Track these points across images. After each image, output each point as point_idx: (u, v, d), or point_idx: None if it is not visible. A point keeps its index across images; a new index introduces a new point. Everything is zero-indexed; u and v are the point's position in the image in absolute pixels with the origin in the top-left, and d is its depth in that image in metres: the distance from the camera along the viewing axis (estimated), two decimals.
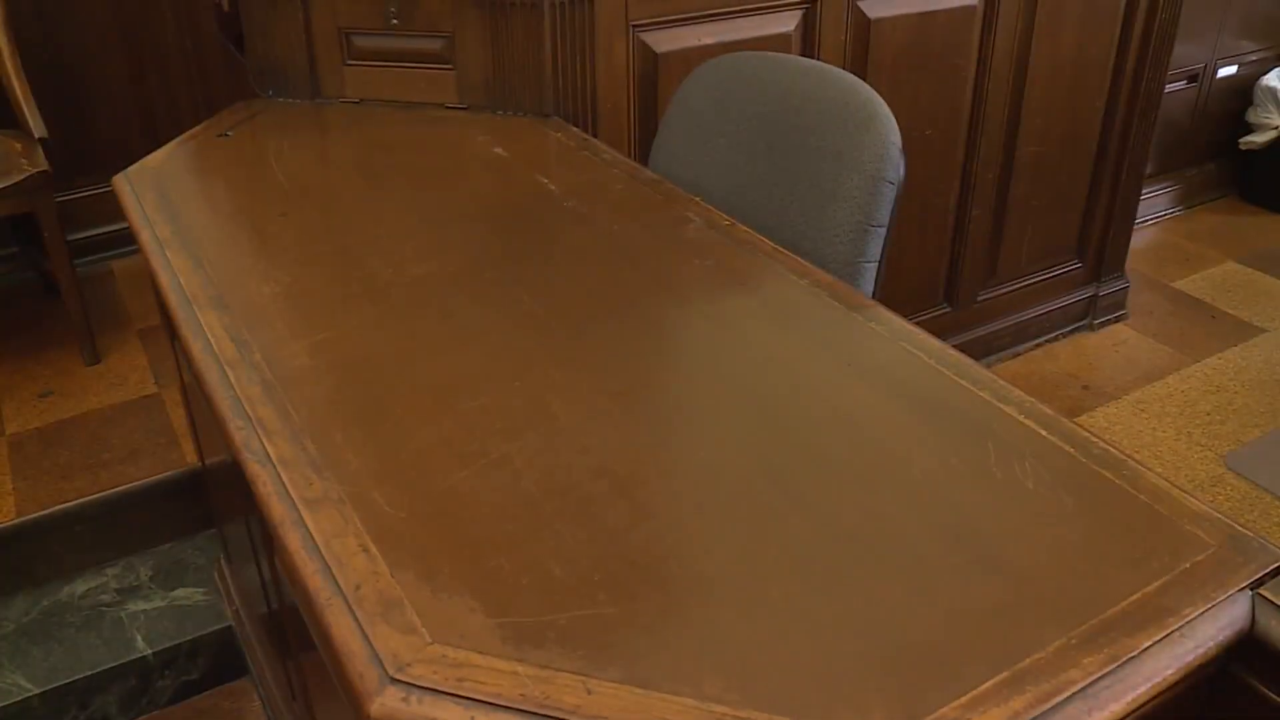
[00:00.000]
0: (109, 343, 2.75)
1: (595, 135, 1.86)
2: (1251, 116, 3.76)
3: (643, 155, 1.86)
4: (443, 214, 1.51)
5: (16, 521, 2.12)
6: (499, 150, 1.72)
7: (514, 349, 1.17)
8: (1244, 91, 3.76)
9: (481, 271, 1.35)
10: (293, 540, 0.89)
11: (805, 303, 1.25)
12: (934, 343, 1.15)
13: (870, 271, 1.39)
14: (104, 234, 3.08)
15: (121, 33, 2.99)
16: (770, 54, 1.63)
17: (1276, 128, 3.69)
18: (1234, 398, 2.72)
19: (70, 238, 2.72)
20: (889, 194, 1.40)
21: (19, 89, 2.66)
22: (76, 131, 3.01)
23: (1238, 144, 3.79)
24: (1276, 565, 0.84)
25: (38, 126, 2.63)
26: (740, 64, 1.60)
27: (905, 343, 1.16)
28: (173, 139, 2.42)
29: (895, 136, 1.41)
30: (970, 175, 2.52)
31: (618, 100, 1.89)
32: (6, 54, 2.65)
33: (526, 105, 1.83)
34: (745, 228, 1.41)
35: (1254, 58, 3.73)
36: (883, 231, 1.41)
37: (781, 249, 1.35)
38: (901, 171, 1.41)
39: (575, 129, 1.79)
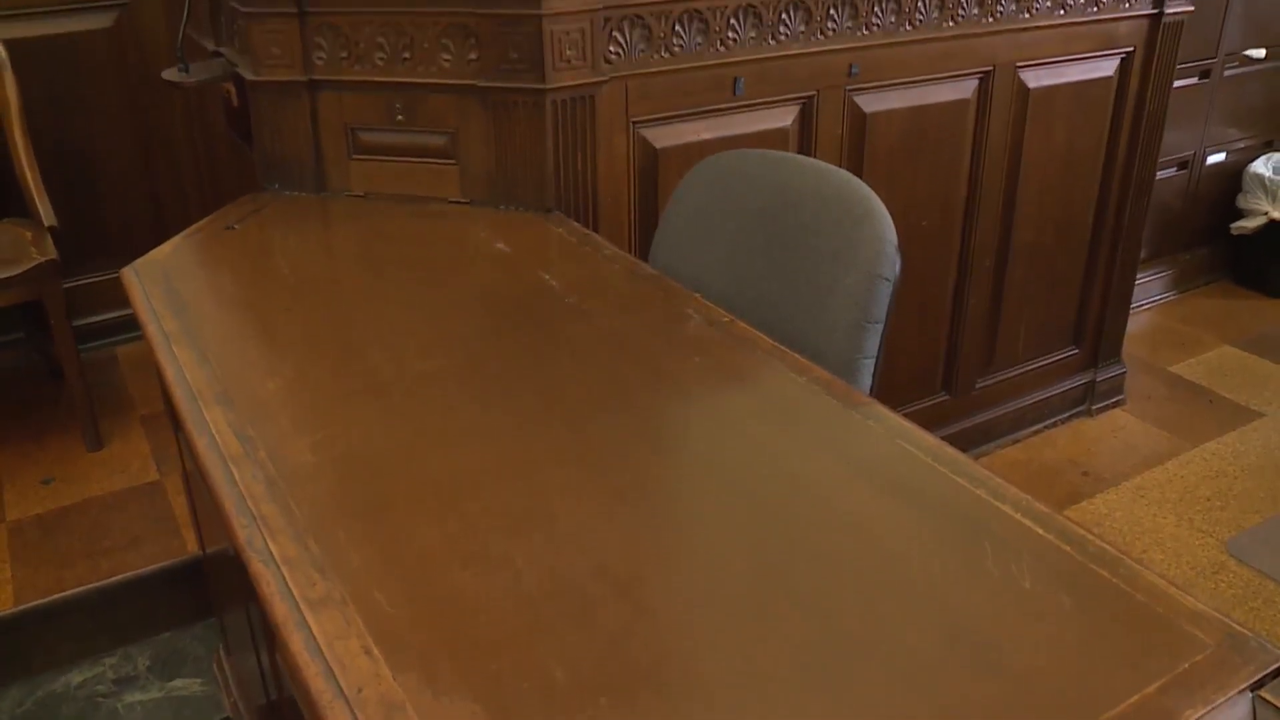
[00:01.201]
0: (112, 428, 2.76)
1: (596, 229, 1.89)
2: (1241, 202, 3.81)
3: (643, 249, 1.89)
4: (445, 309, 1.54)
5: (14, 610, 2.11)
6: (501, 245, 1.75)
7: (515, 446, 1.18)
8: (1233, 177, 3.82)
9: (483, 367, 1.37)
10: (295, 641, 0.89)
11: (804, 400, 1.27)
12: (930, 440, 1.16)
13: (868, 368, 1.41)
14: (109, 319, 3.11)
15: (132, 123, 3.05)
16: (767, 152, 1.67)
17: (1265, 213, 3.74)
18: (1234, 483, 2.73)
19: (76, 323, 2.75)
20: (885, 291, 1.42)
21: (31, 179, 2.71)
22: (85, 218, 3.05)
23: (1229, 229, 3.84)
24: (1276, 666, 0.84)
25: (48, 215, 2.68)
26: (738, 161, 1.63)
27: (902, 440, 1.17)
28: (179, 227, 2.45)
29: (891, 234, 1.43)
30: (967, 263, 2.56)
31: (618, 194, 1.93)
32: (21, 145, 2.71)
33: (528, 200, 1.87)
34: (744, 324, 1.43)
35: (1241, 145, 3.79)
36: (880, 328, 1.43)
37: (780, 346, 1.37)
38: (898, 269, 1.43)
39: (576, 224, 1.83)
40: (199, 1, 2.36)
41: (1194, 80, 3.49)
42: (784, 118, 2.11)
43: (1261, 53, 3.63)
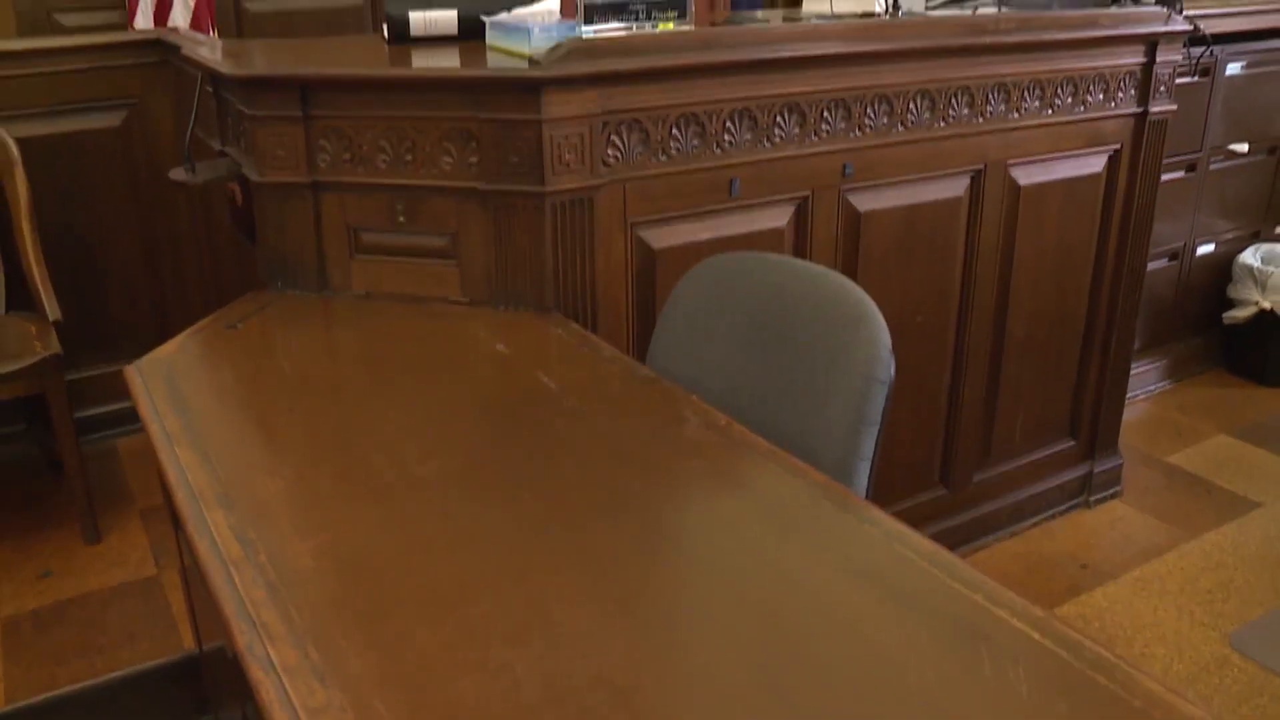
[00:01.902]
0: (111, 522, 2.76)
1: (595, 328, 1.92)
2: (1232, 292, 3.86)
3: (641, 348, 1.91)
4: (445, 411, 1.55)
5: (7, 709, 2.09)
6: (500, 346, 1.77)
7: (514, 551, 1.19)
8: (1223, 267, 3.87)
9: (483, 470, 1.38)
10: None
11: (801, 504, 1.28)
12: (926, 544, 1.17)
13: (864, 469, 1.43)
14: (110, 411, 3.13)
15: (138, 218, 3.10)
16: (763, 255, 1.70)
17: (1256, 303, 3.78)
18: (1234, 575, 2.72)
19: (77, 415, 2.77)
20: (881, 394, 1.44)
21: (38, 274, 2.75)
22: (89, 311, 3.09)
23: (1221, 318, 3.87)
24: None
25: (53, 310, 2.71)
26: (734, 265, 1.67)
27: (899, 543, 1.18)
28: (182, 321, 2.48)
29: (885, 338, 1.46)
30: (961, 358, 2.58)
31: (616, 295, 1.96)
32: (29, 240, 2.75)
33: (528, 300, 1.90)
34: (741, 426, 1.45)
35: (1229, 236, 3.85)
36: (875, 430, 1.45)
37: (777, 449, 1.39)
38: (892, 371, 1.45)
39: (575, 324, 1.85)
40: (206, 102, 2.42)
41: (1181, 174, 3.56)
42: (779, 217, 2.15)
43: (1244, 147, 3.70)
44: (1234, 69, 3.54)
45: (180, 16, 3.38)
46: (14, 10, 3.43)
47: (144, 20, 3.38)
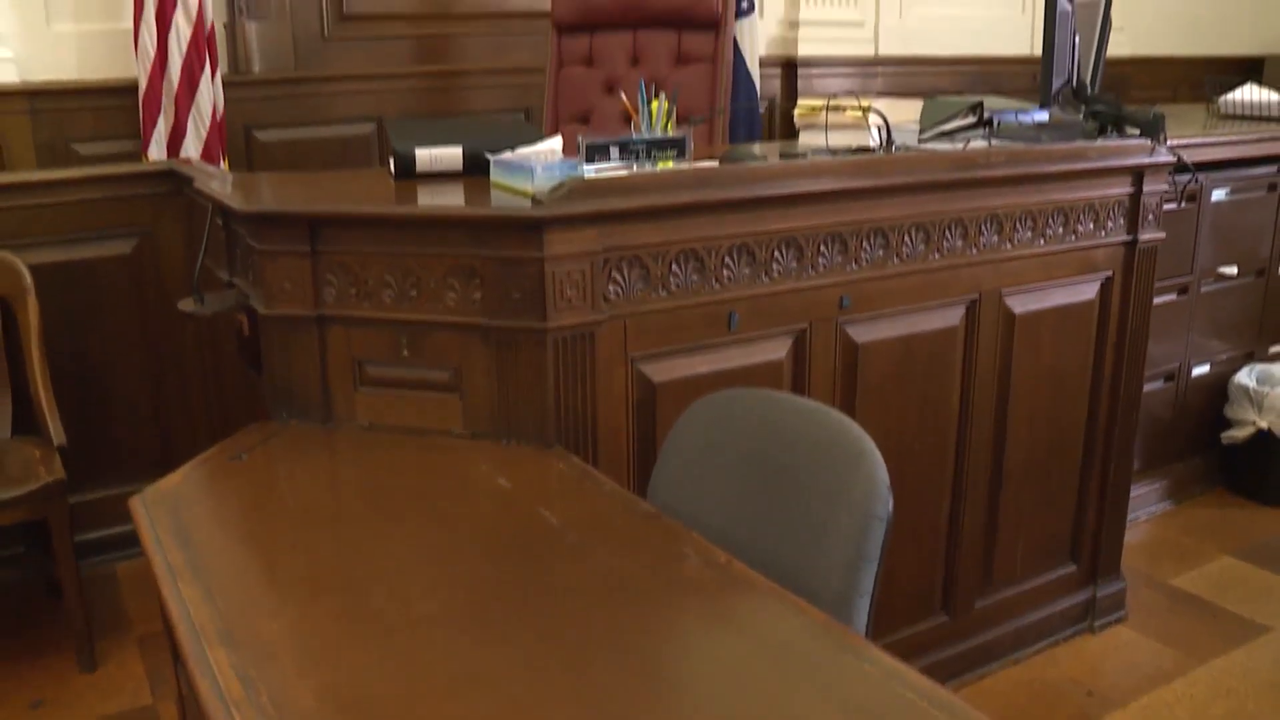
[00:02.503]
0: (107, 648, 2.74)
1: (596, 462, 1.93)
2: (1229, 412, 3.88)
3: (642, 481, 1.93)
4: (447, 546, 1.57)
5: None
6: (502, 481, 1.79)
7: (516, 690, 1.19)
8: (1219, 388, 3.90)
9: (484, 608, 1.39)
10: None
11: (800, 642, 1.29)
12: (925, 683, 1.17)
13: (863, 606, 1.43)
14: (110, 535, 3.12)
15: (145, 345, 3.14)
16: (762, 391, 1.73)
17: (1253, 423, 3.80)
18: (1245, 702, 2.69)
19: (77, 538, 2.77)
20: (879, 530, 1.45)
21: (44, 399, 2.77)
22: (93, 435, 3.10)
23: (1220, 438, 3.89)
24: None
25: (58, 434, 2.73)
26: (733, 401, 1.69)
27: (898, 682, 1.18)
28: (186, 447, 2.50)
29: (883, 475, 1.47)
30: (960, 485, 2.60)
31: (617, 429, 1.98)
32: (37, 366, 2.78)
33: (529, 434, 1.92)
34: (741, 564, 1.46)
35: (1224, 356, 3.88)
36: (875, 566, 1.45)
37: (777, 586, 1.39)
38: (890, 507, 1.47)
39: (576, 458, 1.87)
40: (216, 234, 2.47)
41: (1173, 296, 3.61)
42: (778, 350, 2.18)
43: (1234, 269, 3.77)
44: (1219, 195, 3.62)
45: (192, 146, 3.47)
46: (33, 141, 3.52)
47: (157, 150, 3.47)
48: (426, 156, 2.24)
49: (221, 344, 2.86)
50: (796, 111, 2.64)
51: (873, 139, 2.41)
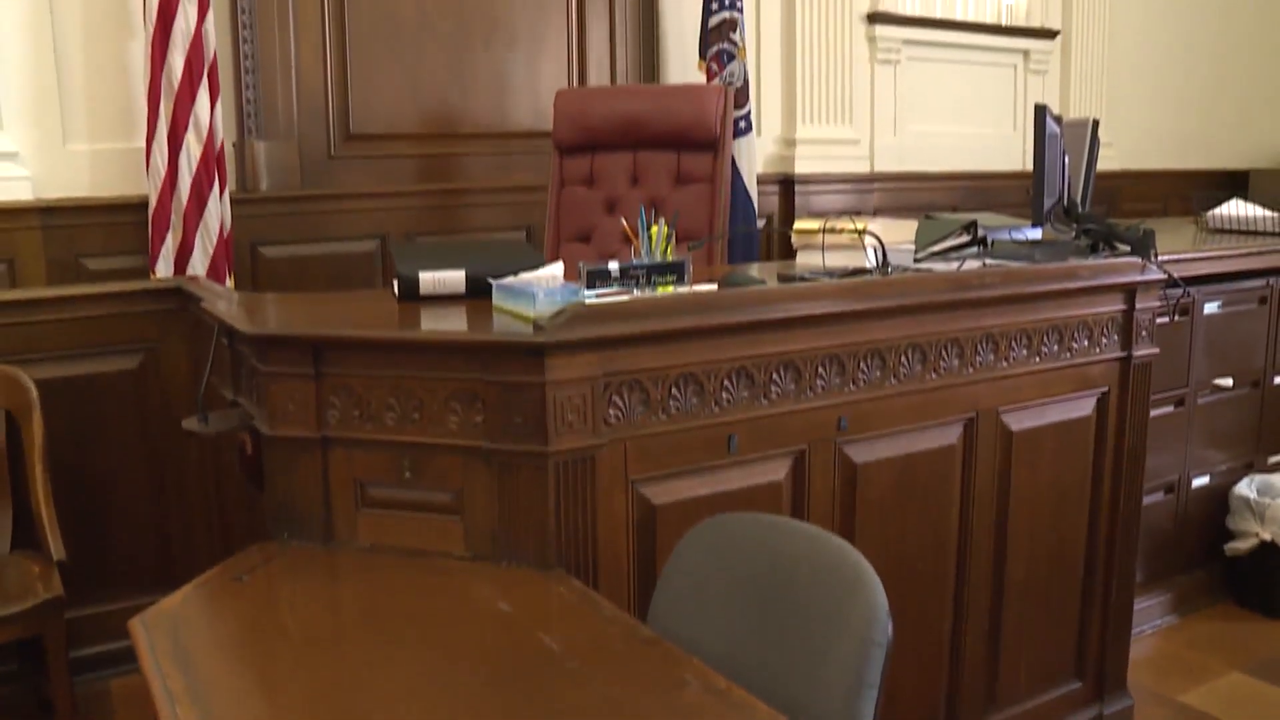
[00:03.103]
0: None
1: (596, 585, 1.93)
2: (1231, 524, 3.87)
3: (642, 604, 1.93)
4: (447, 672, 1.56)
5: None
6: (503, 604, 1.79)
7: None
8: (1220, 499, 3.90)
9: None
10: None
11: None
12: None
13: None
14: (106, 651, 3.09)
15: (147, 461, 3.15)
16: (761, 516, 1.74)
17: (1256, 535, 3.79)
18: None
19: (72, 654, 2.74)
20: (879, 656, 1.45)
21: (46, 514, 2.78)
22: (93, 549, 3.10)
23: (1224, 550, 3.87)
24: None
25: (58, 549, 2.73)
26: (733, 526, 1.70)
27: None
28: (186, 564, 2.50)
29: (882, 600, 1.48)
30: (962, 603, 2.58)
31: (617, 551, 1.99)
32: (40, 481, 2.79)
33: (530, 557, 1.92)
34: (741, 690, 1.45)
35: (1223, 467, 3.89)
36: (875, 692, 1.45)
37: (777, 713, 1.39)
38: (890, 633, 1.47)
39: (577, 582, 1.87)
40: (221, 353, 2.50)
41: (1170, 409, 3.63)
42: (777, 471, 2.20)
43: (1229, 381, 3.80)
44: (1211, 308, 3.67)
45: (199, 263, 3.52)
46: (44, 256, 3.58)
47: (165, 266, 3.52)
48: (430, 279, 2.28)
49: (224, 461, 2.88)
50: (793, 233, 2.70)
51: (869, 260, 2.45)
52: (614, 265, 2.05)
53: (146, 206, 3.54)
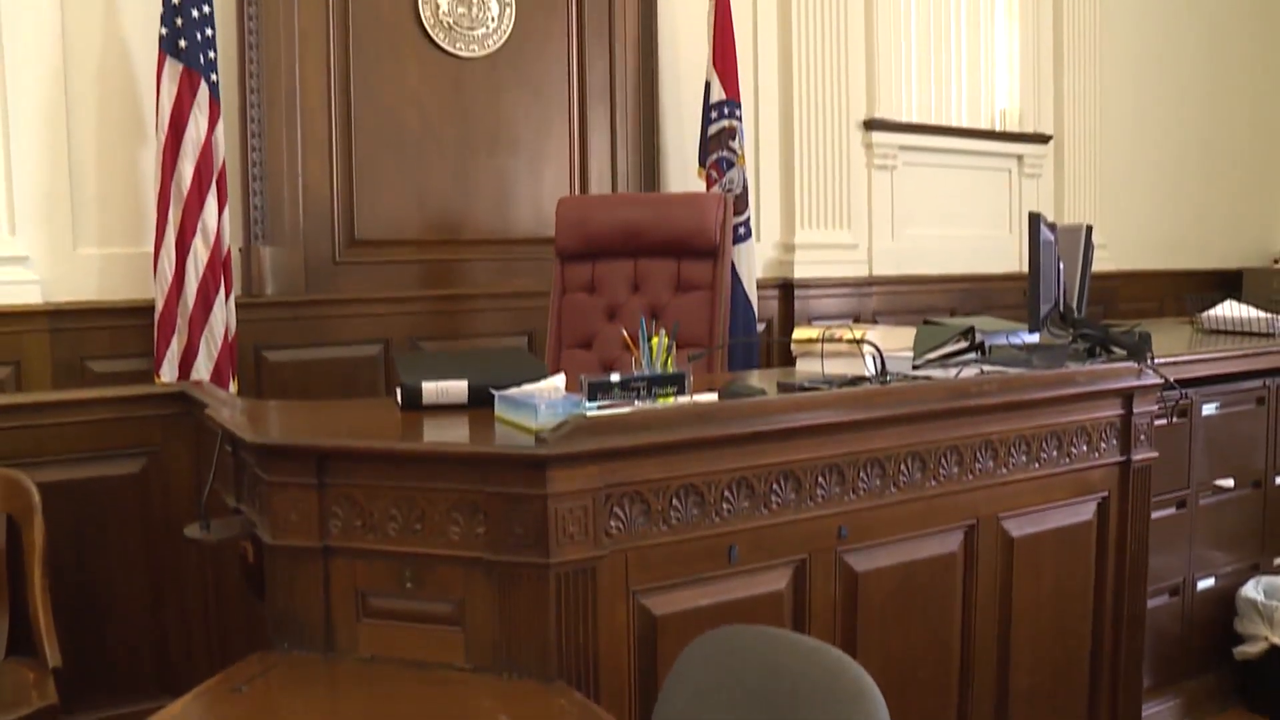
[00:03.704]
0: None
1: (597, 696, 1.92)
2: (1239, 627, 3.83)
3: (643, 716, 1.92)
4: None
5: None
6: (504, 718, 1.78)
7: None
8: (1227, 601, 3.87)
9: None
10: None
11: None
12: None
13: None
14: None
15: (148, 566, 3.13)
16: (761, 629, 1.74)
17: (1265, 638, 3.75)
18: None
19: None
20: None
21: (43, 620, 2.75)
22: (90, 655, 3.06)
23: (1233, 653, 3.83)
24: None
25: (54, 656, 2.70)
26: (734, 640, 1.70)
27: None
28: (184, 670, 2.47)
29: (883, 713, 1.47)
30: (965, 712, 2.55)
31: (618, 662, 1.98)
32: (38, 587, 2.77)
33: (531, 668, 1.92)
34: None
35: (1229, 569, 3.87)
36: None
37: None
38: None
39: (578, 694, 1.86)
40: (224, 460, 2.52)
41: (1172, 510, 3.62)
42: (778, 581, 2.20)
43: (1230, 482, 3.79)
44: (1209, 409, 3.69)
45: (204, 367, 3.55)
46: (51, 358, 3.61)
47: (169, 370, 3.55)
48: (433, 390, 2.30)
49: (225, 567, 2.87)
50: (793, 341, 2.73)
51: (868, 368, 2.48)
52: (615, 377, 2.07)
53: (153, 310, 3.58)
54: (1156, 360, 2.91)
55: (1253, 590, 3.83)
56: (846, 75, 5.07)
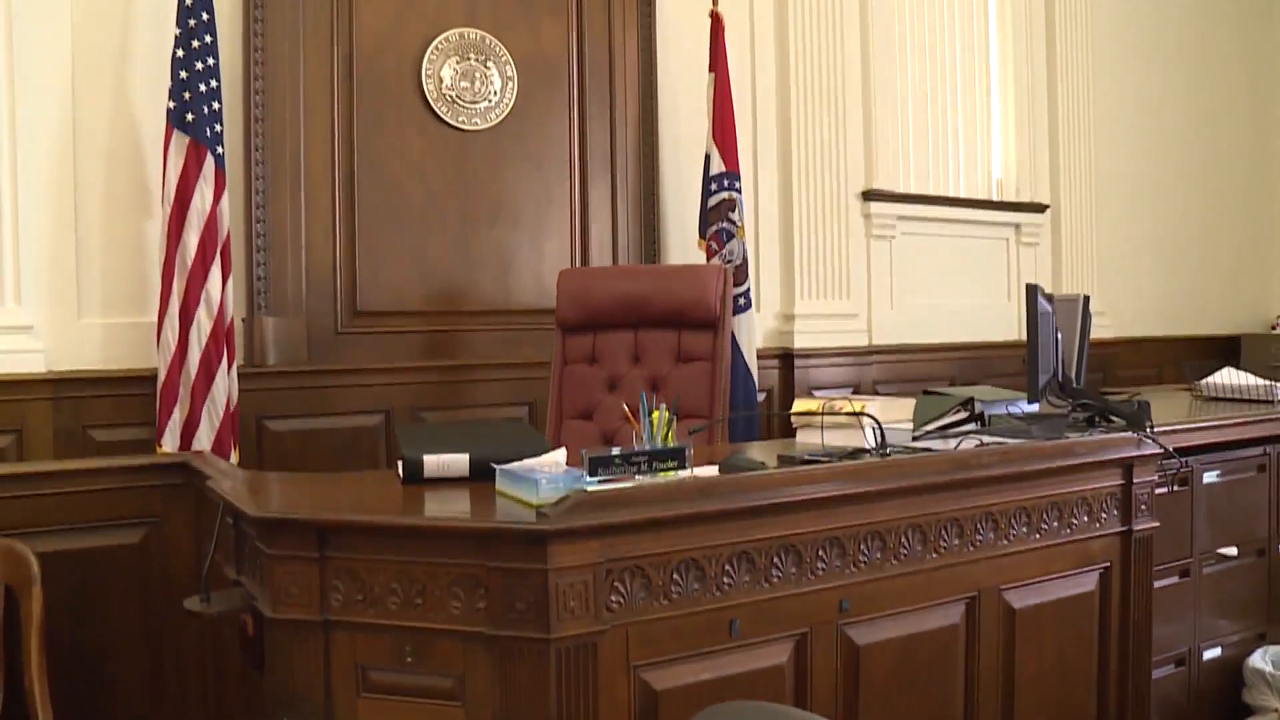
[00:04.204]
0: None
1: None
2: (1248, 698, 3.80)
3: None
4: None
5: None
6: None
7: None
8: (1234, 671, 3.83)
9: None
10: None
11: None
12: None
13: None
14: None
15: (146, 636, 3.11)
16: (764, 705, 1.74)
17: (1275, 710, 3.71)
18: None
19: None
20: None
21: (39, 692, 2.73)
22: None
23: None
24: None
25: None
26: (736, 714, 1.68)
27: None
28: None
29: None
30: None
31: None
32: (35, 659, 2.75)
33: None
34: None
35: (1234, 639, 3.84)
36: None
37: None
38: None
39: None
40: (225, 531, 2.52)
41: (1175, 579, 3.61)
42: (779, 655, 2.19)
43: (1233, 550, 3.78)
44: (1210, 477, 3.69)
45: (205, 437, 3.55)
46: (53, 427, 3.61)
47: (171, 439, 3.56)
48: (434, 463, 2.31)
49: (224, 639, 2.86)
50: (793, 413, 2.75)
51: (867, 440, 2.49)
52: (616, 451, 2.08)
53: (155, 379, 3.60)
54: (1156, 429, 2.92)
55: (1260, 660, 3.80)
56: (845, 147, 5.13)
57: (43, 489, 3.06)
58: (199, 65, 3.54)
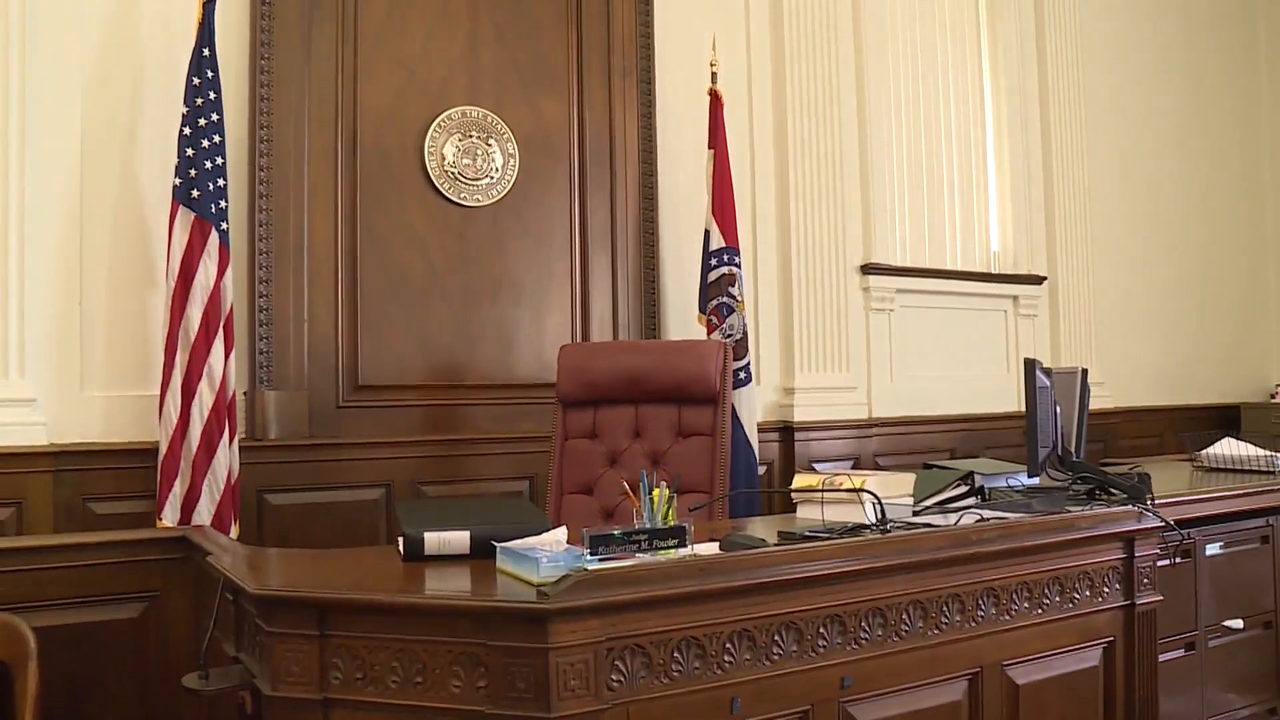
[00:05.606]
0: None
1: None
2: None
3: None
4: None
5: None
6: None
7: None
8: None
9: None
10: None
11: None
12: None
13: None
14: None
15: (142, 715, 3.09)
16: None
17: None
18: None
19: None
20: None
21: None
22: None
23: None
24: None
25: None
26: None
27: None
28: None
29: None
30: None
31: None
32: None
33: None
34: None
35: (1245, 713, 3.80)
36: None
37: None
38: None
39: None
40: (225, 607, 2.51)
41: (1181, 652, 3.58)
42: None
43: (1239, 623, 3.76)
44: (1213, 549, 3.68)
45: (205, 511, 3.54)
46: (53, 499, 3.61)
47: (171, 513, 3.55)
48: (435, 540, 2.31)
49: (222, 717, 2.83)
50: (793, 489, 2.75)
51: (868, 516, 2.49)
52: (617, 530, 2.09)
53: (156, 452, 3.60)
54: (1157, 501, 2.92)
55: None
56: (843, 221, 5.18)
57: (41, 563, 3.05)
58: (205, 142, 3.59)
